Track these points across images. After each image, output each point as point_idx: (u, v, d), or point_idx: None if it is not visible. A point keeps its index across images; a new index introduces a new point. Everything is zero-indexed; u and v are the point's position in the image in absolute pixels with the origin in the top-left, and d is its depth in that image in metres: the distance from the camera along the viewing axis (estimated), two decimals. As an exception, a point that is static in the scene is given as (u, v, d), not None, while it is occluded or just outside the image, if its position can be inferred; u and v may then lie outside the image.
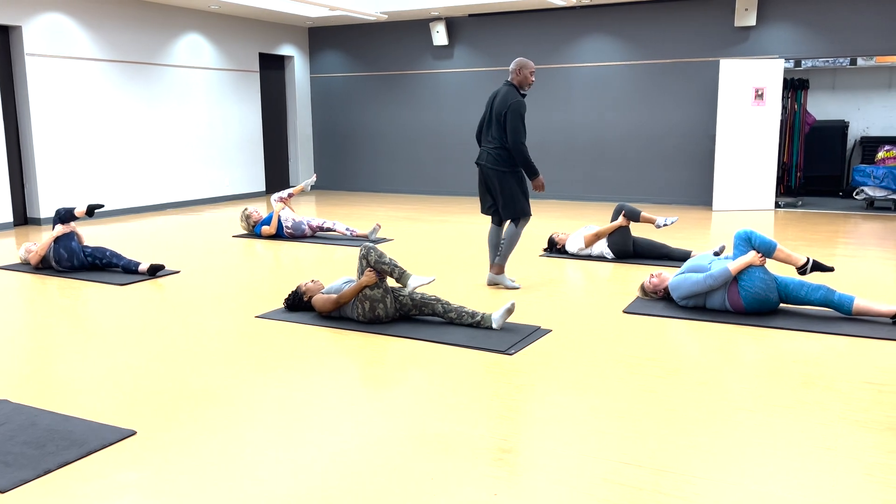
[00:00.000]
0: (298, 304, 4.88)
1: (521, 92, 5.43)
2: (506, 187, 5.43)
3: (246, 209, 8.20)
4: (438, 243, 7.62)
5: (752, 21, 9.84)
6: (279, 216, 7.91)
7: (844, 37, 9.56)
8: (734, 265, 4.65)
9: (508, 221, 5.58)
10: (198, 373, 3.79)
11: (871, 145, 11.11)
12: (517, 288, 5.58)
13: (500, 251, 5.60)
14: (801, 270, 4.77)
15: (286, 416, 3.21)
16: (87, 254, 6.30)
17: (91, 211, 6.26)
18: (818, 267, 4.75)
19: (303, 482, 2.63)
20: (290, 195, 8.12)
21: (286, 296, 5.18)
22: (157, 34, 10.46)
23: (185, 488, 2.59)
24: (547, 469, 2.70)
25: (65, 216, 6.31)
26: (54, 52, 9.21)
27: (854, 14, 9.48)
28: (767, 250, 4.68)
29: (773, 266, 5.86)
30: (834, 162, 11.23)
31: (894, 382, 3.54)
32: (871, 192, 9.87)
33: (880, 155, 10.33)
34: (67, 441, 2.94)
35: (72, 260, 6.24)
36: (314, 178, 8.50)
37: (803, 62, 11.39)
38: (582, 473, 2.67)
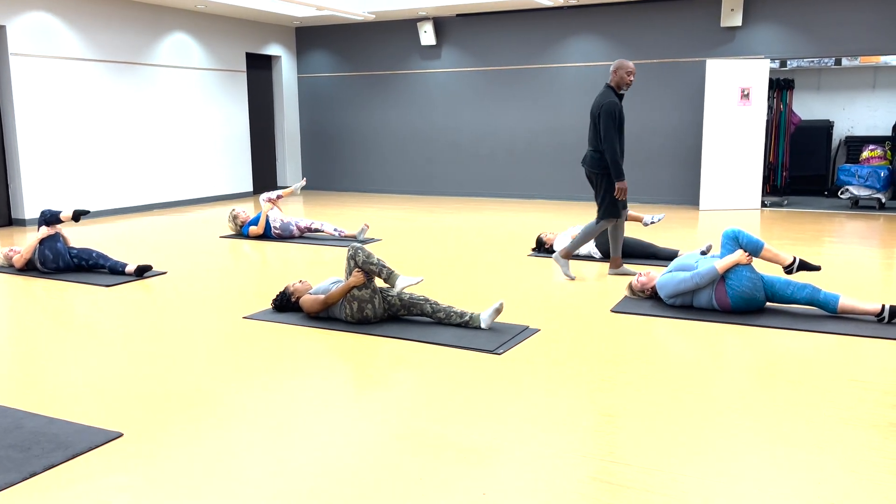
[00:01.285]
0: (286, 305, 4.87)
1: (619, 93, 5.62)
2: (602, 188, 5.72)
3: (233, 209, 8.17)
4: (427, 243, 7.62)
5: (737, 21, 9.90)
6: (267, 216, 7.89)
7: (829, 37, 9.63)
8: (721, 264, 4.67)
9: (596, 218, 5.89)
10: (185, 374, 3.77)
11: (855, 145, 11.20)
12: (572, 278, 5.85)
13: (573, 241, 5.89)
14: (788, 269, 4.80)
15: (274, 418, 3.20)
16: (72, 255, 6.25)
17: (77, 217, 6.22)
18: (805, 266, 4.78)
19: (291, 483, 2.62)
20: (278, 197, 8.10)
21: (274, 296, 5.17)
22: (143, 34, 10.40)
23: (173, 490, 2.58)
24: (535, 468, 2.71)
25: (50, 219, 6.25)
26: (39, 51, 9.14)
27: (839, 15, 9.55)
28: (755, 249, 4.70)
29: (759, 265, 5.89)
30: (819, 161, 11.31)
31: (880, 380, 3.57)
32: (855, 191, 9.95)
33: (865, 154, 10.41)
34: (53, 444, 2.92)
35: (57, 261, 6.19)
36: (304, 181, 8.48)
37: (789, 62, 11.47)
38: (570, 472, 2.67)
